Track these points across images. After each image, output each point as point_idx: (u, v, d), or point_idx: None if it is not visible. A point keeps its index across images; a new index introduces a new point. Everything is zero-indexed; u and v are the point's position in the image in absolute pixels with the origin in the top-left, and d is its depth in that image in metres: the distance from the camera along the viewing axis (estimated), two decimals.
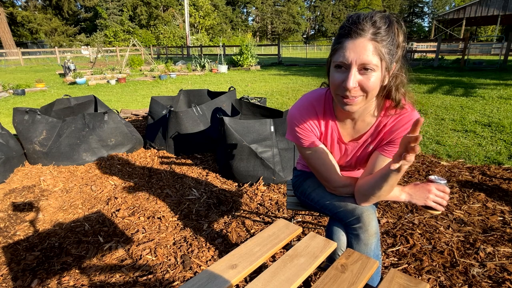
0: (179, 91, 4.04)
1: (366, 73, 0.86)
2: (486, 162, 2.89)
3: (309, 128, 1.08)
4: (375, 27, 0.84)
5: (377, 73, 0.86)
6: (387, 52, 0.86)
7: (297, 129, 1.09)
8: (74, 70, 10.43)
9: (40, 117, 2.99)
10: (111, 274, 1.61)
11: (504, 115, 4.42)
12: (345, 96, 0.90)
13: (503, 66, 10.76)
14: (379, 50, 0.84)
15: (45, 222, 2.10)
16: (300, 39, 54.11)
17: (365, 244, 1.04)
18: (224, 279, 0.78)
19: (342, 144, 1.12)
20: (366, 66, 0.85)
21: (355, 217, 1.05)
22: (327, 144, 1.14)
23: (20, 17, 31.73)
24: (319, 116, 1.08)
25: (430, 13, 48.37)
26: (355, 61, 0.85)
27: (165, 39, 36.89)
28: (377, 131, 1.06)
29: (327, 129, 1.10)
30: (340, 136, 1.10)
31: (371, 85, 0.87)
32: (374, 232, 1.04)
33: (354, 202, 1.09)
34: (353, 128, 1.08)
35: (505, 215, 2.03)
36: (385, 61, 0.86)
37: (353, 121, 1.06)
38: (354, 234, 1.06)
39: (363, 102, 0.91)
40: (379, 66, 0.86)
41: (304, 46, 32.74)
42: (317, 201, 1.23)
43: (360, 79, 0.86)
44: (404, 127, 1.00)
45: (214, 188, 2.52)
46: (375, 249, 1.05)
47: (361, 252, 1.05)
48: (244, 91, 7.41)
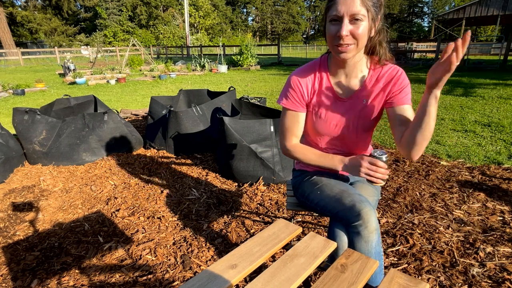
0: (179, 91, 4.03)
1: (356, 23, 1.01)
2: (486, 162, 2.90)
3: (303, 87, 1.21)
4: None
5: (365, 22, 1.02)
6: (372, 4, 1.01)
7: (290, 90, 1.22)
8: (74, 70, 10.43)
9: (40, 117, 2.98)
10: (111, 274, 1.61)
11: (503, 115, 4.43)
12: (339, 45, 1.04)
13: (503, 66, 10.77)
14: (365, 2, 0.99)
15: (45, 222, 2.09)
16: (300, 39, 54.14)
17: (365, 241, 1.04)
18: (224, 279, 0.78)
19: (339, 102, 1.21)
20: (355, 16, 1.00)
21: (355, 215, 1.05)
22: (323, 101, 1.22)
23: (19, 17, 31.71)
24: (315, 74, 1.22)
25: (430, 13, 48.38)
26: (346, 12, 1.00)
27: (165, 39, 36.86)
28: (370, 85, 1.17)
29: (321, 85, 1.22)
30: (334, 91, 1.20)
31: (361, 32, 1.02)
32: (374, 229, 1.04)
33: (353, 200, 1.09)
34: (348, 85, 1.19)
35: (505, 215, 2.03)
36: (371, 12, 1.01)
37: (347, 76, 1.18)
38: (355, 232, 1.06)
39: (354, 50, 1.06)
40: (366, 16, 1.01)
41: (304, 46, 32.75)
42: (316, 202, 1.23)
43: (351, 28, 1.01)
44: (397, 77, 1.14)
45: (214, 188, 2.52)
46: (376, 246, 1.05)
47: (362, 249, 1.05)
48: (244, 91, 7.41)
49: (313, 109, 1.24)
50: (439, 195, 2.31)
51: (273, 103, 5.81)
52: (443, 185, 2.47)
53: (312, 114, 1.25)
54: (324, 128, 1.24)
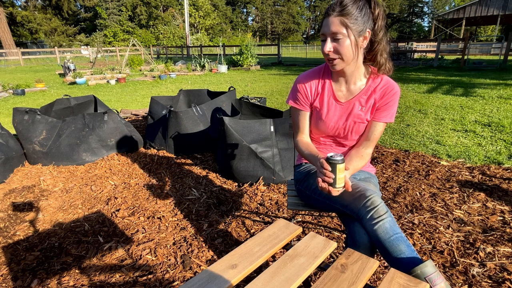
0: (179, 91, 4.03)
1: (337, 41, 1.14)
2: (486, 162, 2.89)
3: (308, 89, 1.34)
4: (341, 6, 1.11)
5: (346, 39, 1.13)
6: (354, 22, 1.11)
7: (296, 91, 1.36)
8: (74, 70, 10.43)
9: (40, 117, 2.98)
10: (111, 274, 1.61)
11: (504, 115, 4.43)
12: (328, 59, 1.20)
13: (503, 66, 10.76)
14: (344, 22, 1.11)
15: (45, 222, 2.09)
16: (300, 39, 54.14)
17: (380, 225, 1.05)
18: (224, 279, 0.78)
19: (338, 105, 1.32)
20: (335, 36, 1.13)
21: (364, 202, 1.10)
22: (324, 103, 1.33)
23: (19, 17, 31.70)
24: (319, 78, 1.34)
25: (430, 13, 48.35)
26: (328, 33, 1.14)
27: (165, 39, 36.86)
28: (367, 94, 1.28)
29: (323, 89, 1.33)
30: (334, 95, 1.32)
31: (342, 49, 1.14)
32: (383, 212, 1.07)
33: (360, 190, 1.15)
34: (347, 90, 1.31)
35: (505, 215, 2.03)
36: (351, 29, 1.12)
37: (346, 83, 1.30)
38: (368, 218, 1.07)
39: (341, 63, 1.19)
40: (346, 34, 1.12)
41: (304, 46, 32.75)
42: (324, 195, 1.28)
43: (334, 45, 1.15)
44: (390, 93, 1.25)
45: (214, 188, 2.52)
46: (391, 227, 1.04)
47: (379, 235, 1.03)
48: (244, 91, 7.41)
49: (315, 109, 1.36)
50: (439, 195, 2.31)
51: (273, 103, 5.81)
52: (443, 185, 2.47)
53: (315, 114, 1.37)
54: (323, 127, 1.36)
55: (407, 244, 1.02)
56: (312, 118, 1.39)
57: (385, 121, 1.28)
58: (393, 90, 1.25)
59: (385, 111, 1.27)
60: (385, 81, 1.26)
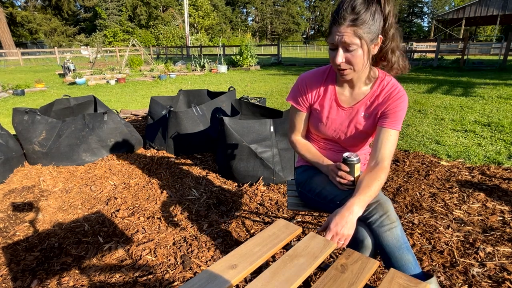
0: (178, 91, 4.03)
1: (350, 51, 1.06)
2: (486, 162, 2.90)
3: (309, 90, 1.29)
4: (354, 13, 1.01)
5: (359, 49, 1.05)
6: (367, 31, 1.03)
7: (297, 90, 1.31)
8: (74, 70, 10.43)
9: (40, 118, 2.98)
10: (111, 274, 1.61)
11: (503, 115, 4.43)
12: (338, 69, 1.13)
13: (502, 66, 10.77)
14: (358, 33, 1.02)
15: (45, 223, 2.09)
16: (300, 39, 54.15)
17: (390, 232, 1.04)
18: (224, 279, 0.78)
19: (340, 109, 1.26)
20: (348, 47, 1.05)
21: (374, 207, 1.08)
22: (325, 107, 1.28)
23: (19, 17, 31.69)
24: (323, 80, 1.28)
25: (429, 13, 48.39)
26: (340, 42, 1.05)
27: (165, 39, 36.86)
28: (371, 100, 1.21)
29: (326, 92, 1.28)
30: (337, 99, 1.26)
31: (355, 59, 1.07)
32: (395, 218, 1.06)
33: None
34: (350, 95, 1.25)
35: (505, 215, 2.03)
36: (364, 39, 1.04)
37: (351, 88, 1.24)
38: (379, 224, 1.06)
39: (352, 73, 1.12)
40: (359, 44, 1.04)
41: (304, 46, 32.76)
42: (331, 199, 1.22)
43: (346, 55, 1.07)
44: (395, 99, 1.17)
45: (214, 188, 2.52)
46: (402, 236, 1.04)
47: (388, 242, 1.03)
48: (243, 91, 7.41)
49: (314, 111, 1.32)
50: (439, 195, 2.31)
51: (273, 103, 5.81)
52: (443, 185, 2.47)
53: (315, 116, 1.32)
54: (324, 130, 1.31)
55: (413, 255, 1.04)
56: (312, 120, 1.35)
57: (390, 128, 1.17)
58: (398, 95, 1.17)
59: (389, 117, 1.18)
60: (391, 86, 1.19)
